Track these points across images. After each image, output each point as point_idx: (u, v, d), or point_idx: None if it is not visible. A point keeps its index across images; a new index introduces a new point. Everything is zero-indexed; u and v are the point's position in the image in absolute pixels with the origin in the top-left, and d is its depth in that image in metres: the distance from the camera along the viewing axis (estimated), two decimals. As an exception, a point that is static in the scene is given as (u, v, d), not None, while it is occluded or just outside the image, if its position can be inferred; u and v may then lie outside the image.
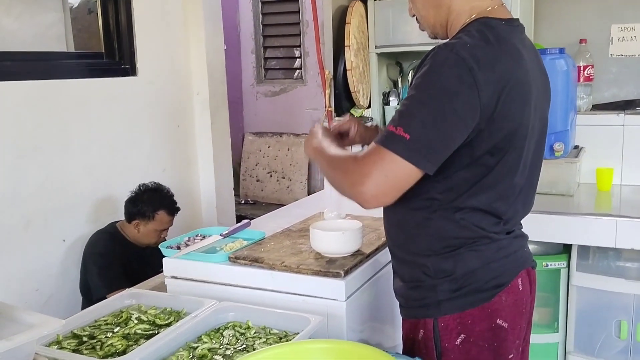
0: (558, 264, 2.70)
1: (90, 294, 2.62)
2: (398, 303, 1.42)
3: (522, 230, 1.41)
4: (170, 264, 1.68)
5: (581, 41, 2.80)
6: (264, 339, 1.32)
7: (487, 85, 1.13)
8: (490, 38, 1.19)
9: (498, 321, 1.27)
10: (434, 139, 1.12)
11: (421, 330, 1.31)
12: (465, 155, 1.19)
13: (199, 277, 1.64)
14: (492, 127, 1.17)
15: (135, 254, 2.72)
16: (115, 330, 1.37)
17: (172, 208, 2.76)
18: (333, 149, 1.34)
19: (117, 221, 2.83)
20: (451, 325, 1.27)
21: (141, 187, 2.75)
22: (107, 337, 1.34)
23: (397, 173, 1.13)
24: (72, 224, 2.84)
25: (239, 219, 4.11)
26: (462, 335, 1.27)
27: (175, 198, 2.92)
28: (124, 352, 1.26)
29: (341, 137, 1.57)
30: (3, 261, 2.55)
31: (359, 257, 1.58)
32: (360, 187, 1.14)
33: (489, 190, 1.24)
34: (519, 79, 1.21)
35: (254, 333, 1.35)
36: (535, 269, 1.40)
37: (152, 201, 2.70)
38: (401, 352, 1.42)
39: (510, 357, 1.31)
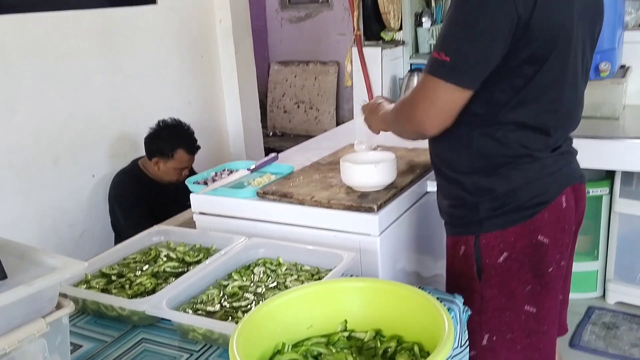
0: (600, 191, 2.60)
1: (122, 231, 2.63)
2: (435, 237, 1.39)
3: (572, 145, 1.36)
4: (197, 200, 1.63)
5: (632, -51, 2.56)
6: (296, 276, 1.27)
7: None
8: None
9: (539, 237, 1.26)
10: (472, 55, 1.13)
11: (462, 247, 1.32)
12: (503, 65, 1.15)
13: (227, 213, 1.60)
14: (528, 35, 1.13)
15: (160, 190, 2.68)
16: (144, 268, 1.35)
17: (191, 147, 2.65)
18: (387, 108, 1.40)
19: (140, 157, 2.77)
20: (492, 243, 1.27)
21: (160, 124, 2.65)
22: (136, 275, 1.31)
23: (442, 97, 1.16)
24: (100, 159, 2.82)
25: (267, 151, 4.05)
26: (504, 253, 1.27)
27: (201, 131, 2.87)
28: (153, 291, 1.24)
29: None
30: (35, 198, 2.57)
31: (393, 191, 1.51)
32: (413, 119, 1.20)
33: (533, 103, 1.20)
34: None
35: (285, 270, 1.31)
36: (585, 183, 1.37)
37: (171, 139, 2.60)
38: (445, 270, 1.40)
39: (549, 270, 1.29)
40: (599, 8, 1.31)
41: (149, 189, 2.66)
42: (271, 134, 5.07)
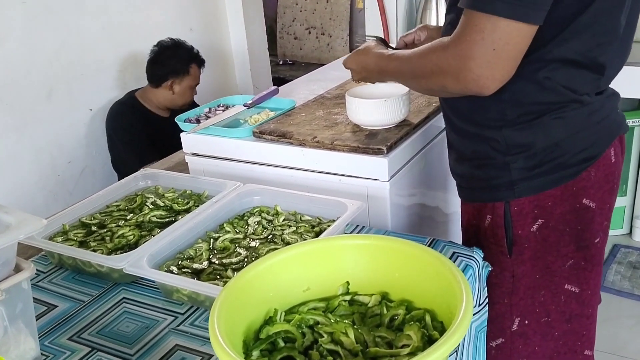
0: (632, 122, 2.41)
1: (124, 168, 2.51)
2: (452, 178, 1.21)
3: (612, 87, 1.11)
4: (188, 139, 1.48)
5: None
6: (294, 228, 1.14)
7: None
8: None
9: (584, 201, 1.05)
10: None
11: (488, 216, 1.11)
12: None
13: (220, 154, 1.45)
14: None
15: (158, 124, 2.57)
16: (127, 217, 1.22)
17: (200, 59, 2.59)
18: (403, 52, 1.08)
19: (135, 90, 2.65)
20: (527, 209, 1.07)
21: (160, 45, 2.54)
22: (119, 226, 1.19)
23: (507, 39, 0.88)
24: (97, 92, 2.67)
25: (276, 81, 3.85)
26: (539, 220, 1.07)
27: (205, 60, 2.71)
28: (136, 244, 1.11)
29: None
30: (30, 135, 2.44)
31: (405, 129, 1.34)
32: (468, 75, 0.91)
33: (585, 34, 0.96)
34: None
35: (283, 220, 1.17)
36: (627, 133, 1.14)
37: (180, 55, 2.51)
38: (461, 240, 1.23)
39: (596, 241, 1.10)
40: None
41: (148, 122, 2.54)
42: (281, 62, 4.83)
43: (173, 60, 2.50)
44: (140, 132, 2.52)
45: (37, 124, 2.47)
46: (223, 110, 1.58)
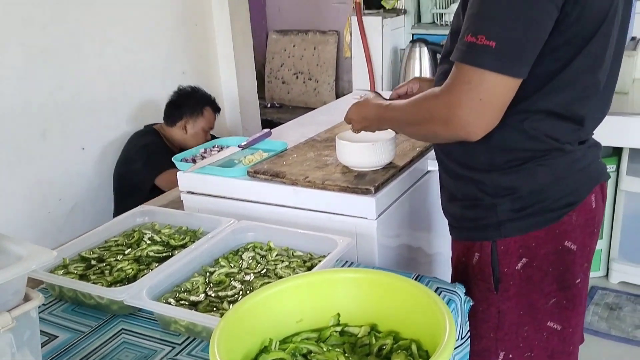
0: (607, 168, 2.51)
1: (138, 192, 2.49)
2: (436, 218, 1.28)
3: (594, 138, 1.20)
4: (185, 178, 1.55)
5: None
6: (287, 263, 1.20)
7: None
8: None
9: (566, 243, 1.12)
10: (524, 37, 0.94)
11: (476, 254, 1.17)
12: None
13: (216, 192, 1.51)
14: (579, 10, 0.97)
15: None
16: (126, 252, 1.27)
17: (215, 105, 2.73)
18: (398, 103, 1.16)
19: (155, 124, 2.74)
20: (512, 249, 1.13)
21: (180, 90, 2.70)
22: (117, 260, 1.23)
23: (493, 90, 0.96)
24: (90, 131, 2.73)
25: (265, 123, 3.95)
26: (523, 259, 1.13)
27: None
28: (134, 278, 1.16)
29: None
30: (23, 172, 2.48)
31: (392, 171, 1.42)
32: (457, 122, 0.98)
33: (567, 89, 1.04)
34: None
35: (276, 255, 1.23)
36: (607, 181, 1.22)
37: (197, 98, 2.66)
38: (450, 277, 1.29)
39: (577, 282, 1.16)
40: None
41: (167, 149, 2.63)
42: (269, 105, 4.95)
43: (189, 101, 2.64)
44: (162, 149, 2.59)
45: (31, 162, 2.51)
46: (218, 151, 1.65)
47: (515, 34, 0.94)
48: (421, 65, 2.45)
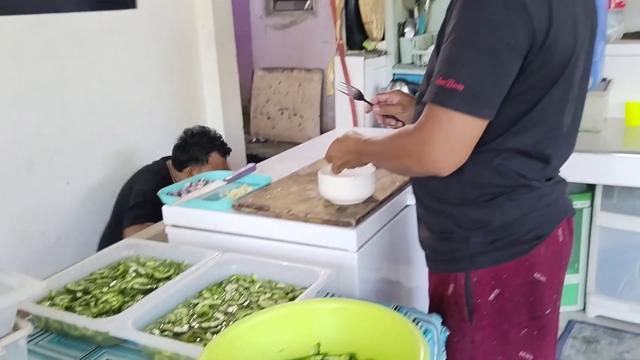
0: (581, 204, 2.59)
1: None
2: (415, 251, 1.33)
3: (560, 175, 1.28)
4: (170, 212, 1.58)
5: (615, -37, 2.57)
6: (269, 294, 1.23)
7: (537, 7, 1.00)
8: None
9: (536, 275, 1.17)
10: (490, 82, 1.02)
11: (451, 285, 1.22)
12: (507, 91, 1.05)
13: (200, 225, 1.55)
14: (542, 57, 1.04)
15: None
16: (111, 284, 1.29)
17: (224, 149, 2.63)
18: (376, 138, 1.23)
19: (167, 158, 2.69)
20: (484, 280, 1.18)
21: (187, 132, 2.62)
22: (103, 292, 1.26)
23: (460, 130, 1.03)
24: (76, 166, 2.75)
25: (250, 158, 4.00)
26: (496, 290, 1.18)
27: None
28: (119, 309, 1.18)
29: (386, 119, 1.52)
30: (7, 205, 2.49)
31: (372, 205, 1.47)
32: (427, 158, 1.05)
33: (533, 129, 1.11)
34: (569, 1, 1.07)
35: (259, 287, 1.26)
36: (574, 215, 1.29)
37: (203, 144, 2.57)
38: (427, 307, 1.33)
39: (547, 312, 1.22)
40: (595, 20, 1.22)
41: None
42: (254, 140, 5.02)
43: (195, 148, 2.55)
44: (154, 197, 2.53)
45: (15, 195, 2.52)
46: (204, 185, 1.69)
47: (482, 79, 1.01)
48: (402, 103, 2.54)
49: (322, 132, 4.58)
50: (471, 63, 1.01)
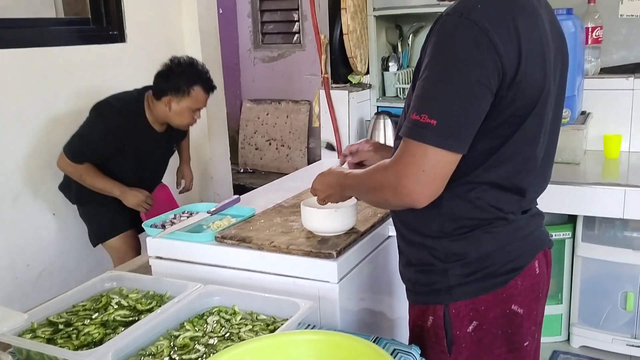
0: (563, 235, 2.62)
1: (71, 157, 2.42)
2: (397, 282, 1.34)
3: (538, 207, 1.31)
4: (154, 243, 1.60)
5: (590, 1, 2.66)
6: (250, 326, 1.24)
7: (506, 46, 1.04)
8: None
9: (513, 307, 1.19)
10: (462, 117, 1.05)
11: (430, 317, 1.23)
12: (481, 125, 1.09)
13: (184, 257, 1.56)
14: (513, 93, 1.08)
15: (146, 134, 2.50)
16: (93, 316, 1.30)
17: (208, 84, 2.45)
18: (355, 171, 1.28)
19: (148, 88, 2.52)
20: (463, 312, 1.19)
21: (174, 60, 2.44)
22: (85, 324, 1.26)
23: (434, 163, 1.06)
24: (62, 197, 2.75)
25: (238, 188, 4.02)
26: (474, 322, 1.19)
27: (169, 168, 2.82)
28: (100, 342, 1.19)
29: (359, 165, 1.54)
30: (-8, 236, 2.49)
31: (353, 236, 1.49)
32: (403, 190, 1.08)
33: (507, 163, 1.15)
34: (538, 38, 1.11)
35: (240, 319, 1.27)
36: (552, 248, 1.31)
37: (187, 75, 2.40)
38: (408, 339, 1.34)
39: (525, 344, 1.23)
40: (566, 58, 1.27)
41: (137, 127, 2.47)
42: (242, 170, 5.04)
43: (178, 78, 2.39)
44: (117, 132, 2.42)
45: (0, 227, 2.52)
46: (187, 217, 1.71)
47: (453, 115, 1.04)
48: (385, 135, 2.57)
49: (309, 162, 4.62)
50: (444, 99, 1.04)
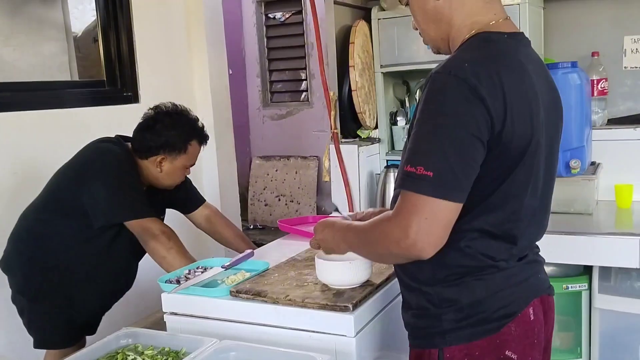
0: (579, 286, 2.58)
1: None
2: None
3: (539, 254, 1.33)
4: (169, 299, 1.59)
5: (593, 54, 2.72)
6: (267, 381, 1.22)
7: (493, 100, 1.09)
8: (490, 52, 1.16)
9: (507, 352, 1.20)
10: (457, 168, 1.08)
11: None
12: None
13: (199, 313, 1.55)
14: (501, 145, 1.12)
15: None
16: (109, 374, 1.28)
17: (203, 135, 2.08)
18: (357, 224, 1.30)
19: (126, 139, 2.09)
20: (457, 356, 1.20)
21: (158, 110, 2.03)
22: (100, 382, 1.25)
23: (435, 213, 1.08)
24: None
25: (247, 245, 4.01)
26: None
27: (180, 226, 2.80)
28: (116, 399, 1.17)
29: None
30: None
31: (369, 289, 1.49)
32: (407, 241, 1.09)
33: (497, 211, 1.17)
34: (524, 93, 1.16)
35: (257, 374, 1.26)
36: (553, 295, 1.32)
37: (182, 128, 2.00)
38: None
39: None
40: (559, 110, 1.31)
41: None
42: (252, 226, 5.06)
43: (170, 131, 1.97)
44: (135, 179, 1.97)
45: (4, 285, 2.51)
46: (202, 272, 1.70)
47: (449, 165, 1.07)
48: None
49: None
50: (438, 151, 1.08)
